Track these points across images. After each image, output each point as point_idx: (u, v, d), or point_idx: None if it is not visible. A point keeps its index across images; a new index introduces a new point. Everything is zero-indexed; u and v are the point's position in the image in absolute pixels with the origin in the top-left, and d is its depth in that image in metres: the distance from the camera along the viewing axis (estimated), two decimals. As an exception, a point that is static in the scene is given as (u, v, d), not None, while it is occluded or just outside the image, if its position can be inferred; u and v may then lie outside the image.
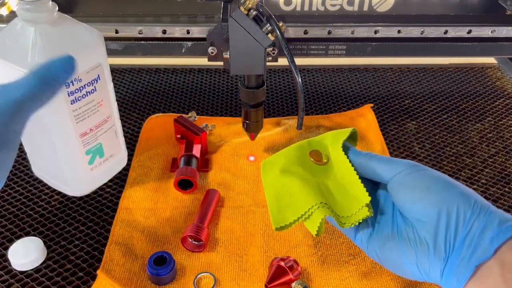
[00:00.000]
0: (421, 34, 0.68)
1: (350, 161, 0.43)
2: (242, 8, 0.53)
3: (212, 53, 0.64)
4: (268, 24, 0.54)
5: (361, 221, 0.40)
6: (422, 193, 0.37)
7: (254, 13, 0.54)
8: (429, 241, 0.35)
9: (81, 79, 0.51)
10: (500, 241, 0.33)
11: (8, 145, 0.31)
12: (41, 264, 0.53)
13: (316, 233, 0.39)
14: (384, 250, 0.38)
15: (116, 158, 0.62)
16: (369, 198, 0.39)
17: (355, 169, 0.42)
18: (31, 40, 0.48)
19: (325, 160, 0.45)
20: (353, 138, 0.46)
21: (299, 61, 0.57)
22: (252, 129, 0.65)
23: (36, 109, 0.32)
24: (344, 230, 0.42)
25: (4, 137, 0.31)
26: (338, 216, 0.40)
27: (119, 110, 0.62)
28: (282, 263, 0.50)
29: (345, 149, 0.44)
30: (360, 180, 0.41)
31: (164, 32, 0.66)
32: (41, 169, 0.61)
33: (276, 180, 0.45)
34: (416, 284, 0.51)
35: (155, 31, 0.66)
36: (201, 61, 0.78)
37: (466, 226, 0.34)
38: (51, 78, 0.33)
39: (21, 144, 0.62)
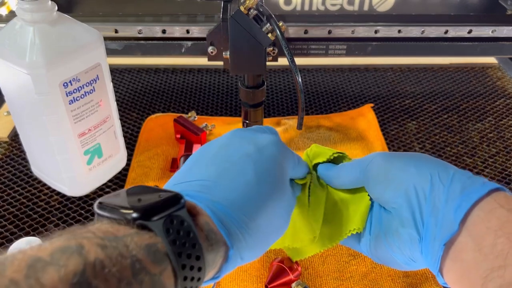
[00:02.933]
0: (422, 34, 0.68)
1: (324, 179, 0.42)
2: (242, 8, 0.53)
3: (212, 53, 0.64)
4: (268, 24, 0.54)
5: (346, 237, 0.39)
6: (384, 182, 0.36)
7: (254, 12, 0.53)
8: (402, 227, 0.34)
9: (79, 79, 0.51)
10: (463, 211, 0.30)
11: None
12: (40, 265, 0.53)
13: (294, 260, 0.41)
14: (378, 250, 0.37)
15: (115, 158, 0.61)
16: (318, 232, 0.39)
17: (332, 186, 0.41)
18: (29, 40, 0.48)
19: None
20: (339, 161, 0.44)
21: (299, 60, 0.57)
22: (252, 129, 0.64)
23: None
24: (348, 244, 0.41)
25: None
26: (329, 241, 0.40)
27: (119, 110, 0.62)
28: (282, 264, 0.50)
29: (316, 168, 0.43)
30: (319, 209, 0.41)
31: (163, 31, 0.66)
32: (40, 169, 0.61)
33: None
34: (417, 284, 0.51)
35: (155, 30, 0.66)
36: (201, 61, 0.78)
37: (429, 202, 0.32)
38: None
39: (20, 144, 0.62)
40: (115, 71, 0.88)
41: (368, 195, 0.39)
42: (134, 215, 0.27)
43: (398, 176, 0.35)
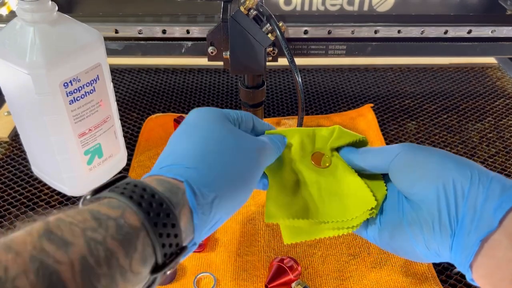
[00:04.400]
0: (421, 34, 0.68)
1: (346, 161, 0.43)
2: (242, 8, 0.53)
3: (212, 53, 0.64)
4: (268, 24, 0.54)
5: (360, 223, 0.39)
6: (418, 173, 0.36)
7: (254, 13, 0.53)
8: (434, 220, 0.34)
9: (80, 79, 0.51)
10: (503, 211, 0.32)
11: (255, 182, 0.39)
12: (40, 264, 0.53)
13: (286, 241, 0.41)
14: (394, 239, 0.38)
15: (115, 158, 0.62)
16: (375, 203, 0.39)
17: (354, 168, 0.42)
18: (30, 40, 0.48)
19: (327, 164, 0.45)
20: (359, 145, 0.45)
21: (299, 61, 0.57)
22: (252, 129, 0.64)
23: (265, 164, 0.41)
24: (355, 231, 0.41)
25: (256, 175, 0.39)
26: (334, 221, 0.40)
27: (119, 110, 0.62)
28: (282, 263, 0.50)
29: (339, 149, 0.44)
30: (365, 184, 0.41)
31: (164, 32, 0.66)
32: (40, 169, 0.61)
33: (278, 170, 0.45)
34: (417, 284, 0.51)
35: (155, 31, 0.66)
36: (201, 61, 0.78)
37: (467, 199, 0.33)
38: (277, 147, 0.43)
39: (21, 144, 0.62)
40: (115, 71, 0.88)
41: (385, 184, 0.40)
42: (88, 196, 0.31)
43: (436, 169, 0.35)
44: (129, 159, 0.66)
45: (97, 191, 0.31)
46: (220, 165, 0.36)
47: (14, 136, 0.71)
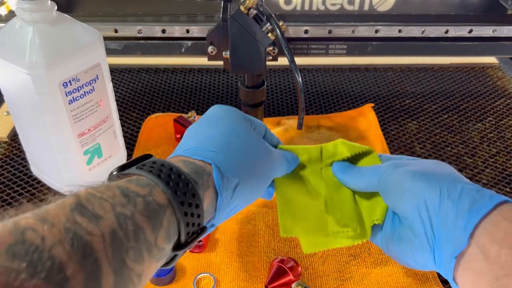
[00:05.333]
0: (422, 33, 0.68)
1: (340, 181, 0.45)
2: (242, 8, 0.53)
3: (212, 52, 0.64)
4: (268, 24, 0.54)
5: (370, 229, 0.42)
6: (398, 194, 0.38)
7: (254, 12, 0.53)
8: (415, 237, 0.36)
9: (79, 79, 0.51)
10: (471, 226, 0.32)
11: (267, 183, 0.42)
12: (40, 265, 0.53)
13: (306, 251, 0.44)
14: (389, 249, 0.40)
15: (115, 158, 0.61)
16: (377, 216, 0.42)
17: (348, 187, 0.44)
18: (29, 40, 0.48)
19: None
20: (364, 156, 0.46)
21: (300, 60, 0.57)
22: (252, 129, 0.64)
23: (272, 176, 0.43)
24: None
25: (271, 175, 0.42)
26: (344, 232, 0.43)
27: (119, 110, 0.62)
28: (282, 264, 0.50)
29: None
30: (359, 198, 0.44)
31: (163, 31, 0.66)
32: (40, 169, 0.61)
33: (290, 185, 0.46)
34: (417, 284, 0.50)
35: (155, 30, 0.66)
36: (201, 61, 0.78)
37: (438, 216, 0.34)
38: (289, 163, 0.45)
39: (20, 144, 0.62)
40: (115, 71, 0.88)
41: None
42: (115, 172, 0.33)
43: (410, 190, 0.37)
44: (129, 159, 0.66)
45: (124, 167, 0.33)
46: (244, 155, 0.39)
47: (14, 136, 0.71)
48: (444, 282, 0.52)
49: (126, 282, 0.27)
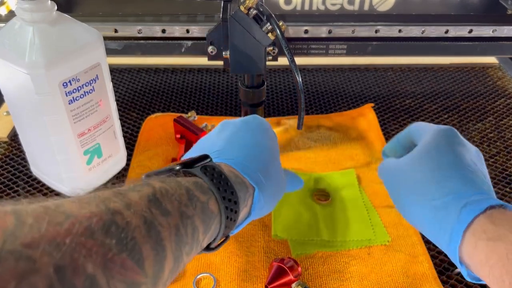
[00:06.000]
0: (422, 33, 0.68)
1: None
2: (242, 7, 0.53)
3: (212, 52, 0.64)
4: (268, 24, 0.54)
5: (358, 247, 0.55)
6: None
7: (254, 12, 0.53)
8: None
9: (79, 79, 0.51)
10: (456, 251, 0.38)
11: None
12: (39, 265, 0.53)
13: (295, 255, 0.53)
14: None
15: (115, 158, 0.61)
16: (373, 235, 0.56)
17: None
18: (29, 40, 0.47)
19: (329, 200, 0.60)
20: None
21: (299, 60, 0.57)
22: (252, 129, 0.64)
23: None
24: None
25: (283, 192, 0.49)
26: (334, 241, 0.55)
27: (118, 110, 0.62)
28: (282, 264, 0.50)
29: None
30: (367, 216, 0.58)
31: (163, 31, 0.66)
32: (40, 169, 0.61)
33: (286, 197, 0.55)
34: (416, 284, 0.50)
35: (155, 30, 0.66)
36: (201, 61, 0.78)
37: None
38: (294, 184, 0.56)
39: (20, 144, 0.62)
40: (114, 71, 0.88)
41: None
42: (178, 167, 0.38)
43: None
44: (129, 159, 0.66)
45: (187, 165, 0.38)
46: (279, 182, 0.47)
47: (13, 136, 0.71)
48: (445, 282, 0.52)
49: (178, 268, 0.32)
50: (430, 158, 0.43)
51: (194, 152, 0.46)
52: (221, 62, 0.65)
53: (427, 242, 0.55)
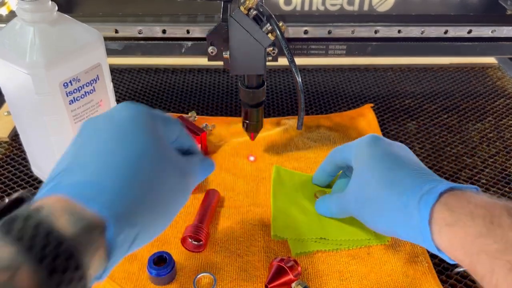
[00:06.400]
0: (422, 34, 0.68)
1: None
2: (242, 8, 0.53)
3: (212, 53, 0.64)
4: (268, 24, 0.54)
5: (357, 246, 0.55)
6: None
7: (254, 12, 0.53)
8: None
9: (79, 79, 0.51)
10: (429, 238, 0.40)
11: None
12: (40, 265, 0.53)
13: (294, 254, 0.53)
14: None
15: (115, 158, 0.61)
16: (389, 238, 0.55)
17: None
18: (30, 40, 0.48)
19: None
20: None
21: (299, 61, 0.57)
22: (252, 129, 0.65)
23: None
24: None
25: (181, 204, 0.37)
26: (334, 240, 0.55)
27: (119, 110, 0.62)
28: (282, 263, 0.50)
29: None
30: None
31: (164, 32, 0.66)
32: (40, 168, 0.61)
33: (286, 196, 0.59)
34: (416, 284, 0.51)
35: (155, 31, 0.66)
36: (201, 61, 0.78)
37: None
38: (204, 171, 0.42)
39: (21, 144, 0.62)
40: (115, 71, 0.88)
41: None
42: None
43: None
44: (129, 159, 0.66)
45: None
46: (154, 191, 0.31)
47: (14, 136, 0.71)
48: (444, 282, 0.52)
49: None
50: (371, 171, 0.47)
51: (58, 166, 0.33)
52: (221, 63, 0.65)
53: (426, 241, 0.55)
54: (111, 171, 0.30)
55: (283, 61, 0.60)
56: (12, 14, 0.72)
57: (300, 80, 0.55)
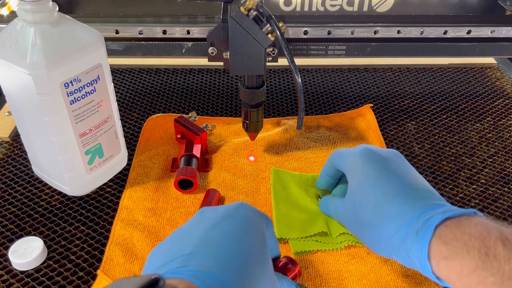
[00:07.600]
0: (421, 34, 0.69)
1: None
2: (242, 9, 0.53)
3: (212, 53, 0.64)
4: (268, 25, 0.54)
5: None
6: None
7: (254, 13, 0.54)
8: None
9: (80, 79, 0.51)
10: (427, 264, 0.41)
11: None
12: (41, 264, 0.53)
13: (295, 253, 0.54)
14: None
15: (116, 158, 0.62)
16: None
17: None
18: (31, 40, 0.48)
19: None
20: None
21: (299, 61, 0.57)
22: (252, 129, 0.65)
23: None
24: None
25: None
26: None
27: (120, 110, 0.62)
28: (282, 263, 0.50)
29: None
30: None
31: (164, 32, 0.66)
32: (41, 168, 0.61)
33: (288, 198, 0.60)
34: (416, 284, 0.51)
35: (156, 31, 0.66)
36: (201, 61, 0.78)
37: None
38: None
39: (22, 144, 0.63)
40: (116, 71, 0.89)
41: None
42: None
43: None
44: (130, 159, 0.66)
45: None
46: None
47: (15, 136, 0.71)
48: (443, 281, 0.52)
49: None
50: (367, 196, 0.47)
51: (164, 247, 0.37)
52: (221, 63, 0.65)
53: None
54: (232, 269, 0.34)
55: (283, 61, 0.61)
56: (13, 15, 0.72)
57: (300, 80, 0.55)
